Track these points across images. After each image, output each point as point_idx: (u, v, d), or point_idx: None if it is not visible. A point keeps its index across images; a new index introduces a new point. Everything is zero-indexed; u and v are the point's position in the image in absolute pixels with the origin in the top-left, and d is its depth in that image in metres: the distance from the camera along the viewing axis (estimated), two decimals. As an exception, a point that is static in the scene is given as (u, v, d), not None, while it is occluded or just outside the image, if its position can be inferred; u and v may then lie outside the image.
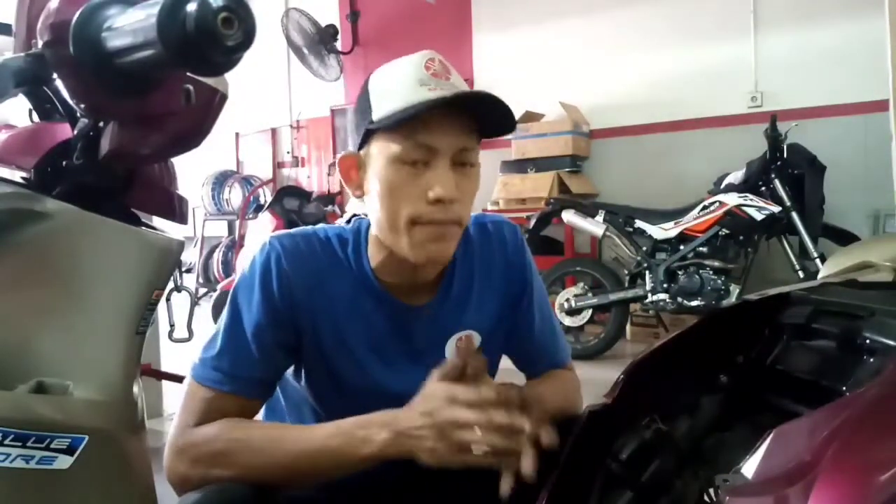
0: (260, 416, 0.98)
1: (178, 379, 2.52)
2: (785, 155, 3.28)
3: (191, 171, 4.40)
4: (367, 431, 0.78)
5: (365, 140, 0.88)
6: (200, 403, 0.86)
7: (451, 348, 0.97)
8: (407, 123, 0.81)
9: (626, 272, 3.72)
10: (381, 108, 0.84)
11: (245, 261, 0.94)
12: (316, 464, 0.79)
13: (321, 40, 4.89)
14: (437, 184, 0.82)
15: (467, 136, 0.85)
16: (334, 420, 0.86)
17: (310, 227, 0.97)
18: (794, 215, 3.23)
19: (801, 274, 3.22)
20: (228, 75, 0.88)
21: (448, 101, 0.80)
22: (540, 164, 4.48)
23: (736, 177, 3.45)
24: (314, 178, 6.35)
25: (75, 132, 0.92)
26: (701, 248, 3.42)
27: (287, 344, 0.90)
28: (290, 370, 0.97)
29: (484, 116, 0.85)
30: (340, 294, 0.92)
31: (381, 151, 0.85)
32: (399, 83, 0.83)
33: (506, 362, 1.07)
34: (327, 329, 0.92)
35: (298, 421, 1.00)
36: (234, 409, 0.86)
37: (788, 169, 3.29)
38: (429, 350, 0.96)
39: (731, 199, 3.33)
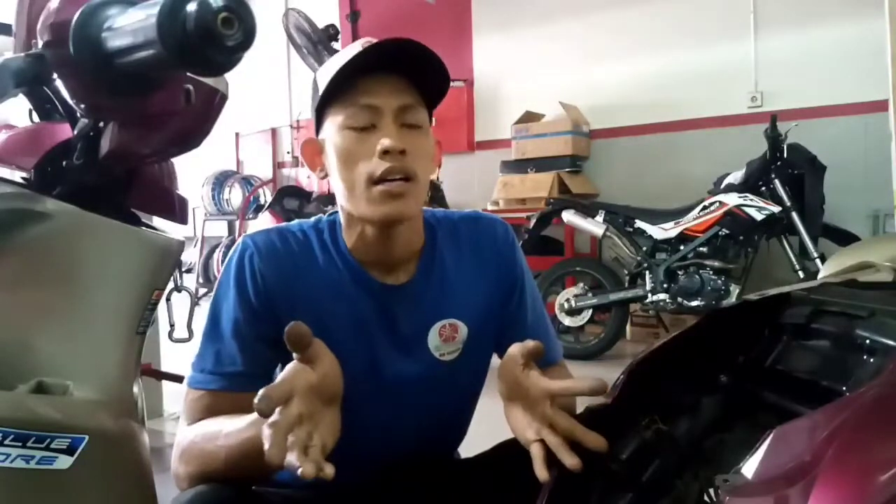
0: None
1: (178, 379, 2.52)
2: (785, 155, 3.28)
3: (191, 171, 4.40)
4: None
5: (319, 123, 0.92)
6: (193, 406, 0.87)
7: (434, 335, 0.97)
8: (349, 91, 0.87)
9: (626, 272, 3.72)
10: (324, 85, 0.88)
11: None
12: (245, 455, 0.76)
13: (319, 41, 4.91)
14: (383, 137, 0.86)
15: (407, 95, 0.89)
16: None
17: (284, 224, 0.98)
18: (794, 215, 3.23)
19: (801, 274, 3.23)
20: (228, 75, 0.88)
21: (371, 49, 0.85)
22: (540, 164, 4.48)
23: (736, 177, 3.45)
24: (314, 178, 6.32)
25: (75, 132, 0.92)
26: (701, 248, 3.42)
27: (268, 337, 0.89)
28: (279, 368, 0.97)
29: (420, 76, 0.89)
30: (319, 282, 0.93)
31: (332, 125, 0.90)
32: (338, 64, 0.87)
33: (498, 362, 1.07)
34: (309, 316, 0.91)
35: None
36: (227, 405, 0.86)
37: (788, 169, 3.29)
38: (413, 336, 0.96)
39: (731, 199, 3.33)
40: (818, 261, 3.10)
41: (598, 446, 0.73)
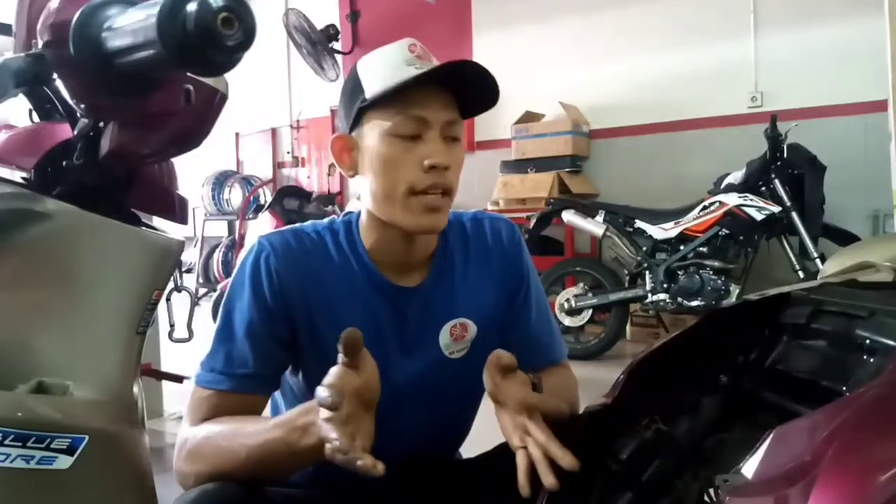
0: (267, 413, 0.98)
1: (178, 379, 2.52)
2: (785, 155, 3.28)
3: (191, 171, 4.41)
4: (307, 418, 0.75)
5: (357, 121, 0.92)
6: (200, 404, 0.87)
7: (445, 334, 0.98)
8: (399, 99, 0.87)
9: (626, 272, 3.72)
10: (373, 87, 0.89)
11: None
12: (267, 456, 0.78)
13: (317, 41, 4.92)
14: (432, 152, 0.87)
15: (453, 109, 0.90)
16: None
17: (298, 224, 0.99)
18: (794, 215, 3.23)
19: (801, 274, 3.22)
20: (228, 75, 0.88)
21: (440, 71, 0.86)
22: (540, 164, 4.48)
23: (736, 177, 3.45)
24: (314, 178, 6.35)
25: (75, 132, 0.92)
26: (701, 248, 3.42)
27: (282, 337, 0.91)
28: (289, 370, 0.97)
29: (466, 93, 0.90)
30: (334, 282, 0.93)
31: (374, 129, 0.89)
32: (387, 64, 0.89)
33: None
34: (323, 316, 0.92)
35: None
36: (234, 406, 0.87)
37: (788, 169, 3.29)
38: (423, 337, 0.97)
39: (731, 199, 3.33)
40: (818, 261, 3.09)
41: (570, 466, 0.72)
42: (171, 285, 1.06)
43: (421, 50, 0.91)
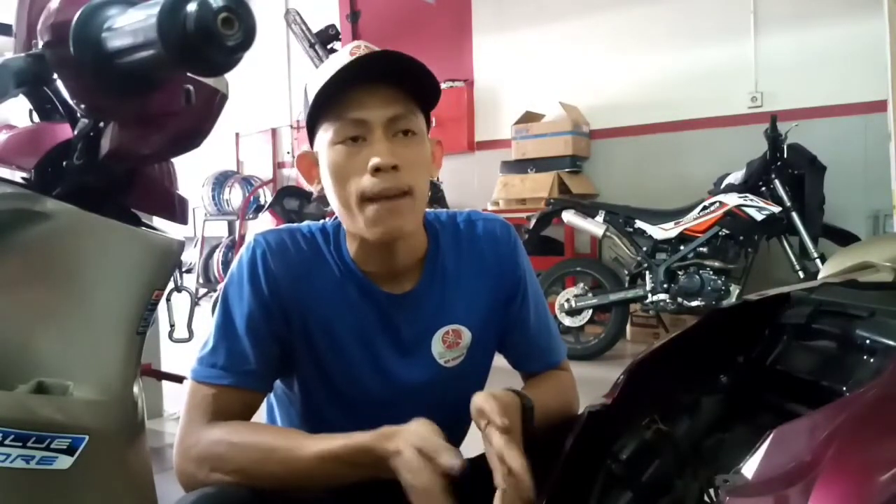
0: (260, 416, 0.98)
1: (178, 379, 2.52)
2: (785, 155, 3.29)
3: (191, 171, 4.40)
4: (360, 461, 0.77)
5: (312, 136, 0.92)
6: (203, 401, 0.87)
7: (437, 342, 0.97)
8: (335, 105, 0.85)
9: (626, 272, 3.72)
10: (313, 98, 0.87)
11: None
12: (306, 482, 0.80)
13: (313, 43, 4.93)
14: (373, 153, 0.84)
15: (398, 104, 0.87)
16: (323, 419, 0.87)
17: (294, 224, 0.98)
18: (794, 215, 3.23)
19: (801, 274, 3.23)
20: (228, 75, 0.88)
21: (354, 63, 0.83)
22: (540, 164, 4.49)
23: (736, 177, 3.46)
24: (314, 178, 6.35)
25: (75, 132, 0.92)
26: (701, 249, 3.43)
27: (279, 334, 0.91)
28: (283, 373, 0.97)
29: (411, 84, 0.87)
30: (326, 285, 0.93)
31: (323, 139, 0.89)
32: (327, 74, 0.86)
33: (501, 361, 1.07)
34: (315, 320, 0.92)
35: (287, 422, 1.01)
36: (236, 402, 0.87)
37: (788, 169, 3.30)
38: (415, 343, 0.96)
39: (732, 200, 3.34)
40: (818, 261, 3.10)
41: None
42: (171, 285, 1.05)
43: (363, 50, 0.87)
